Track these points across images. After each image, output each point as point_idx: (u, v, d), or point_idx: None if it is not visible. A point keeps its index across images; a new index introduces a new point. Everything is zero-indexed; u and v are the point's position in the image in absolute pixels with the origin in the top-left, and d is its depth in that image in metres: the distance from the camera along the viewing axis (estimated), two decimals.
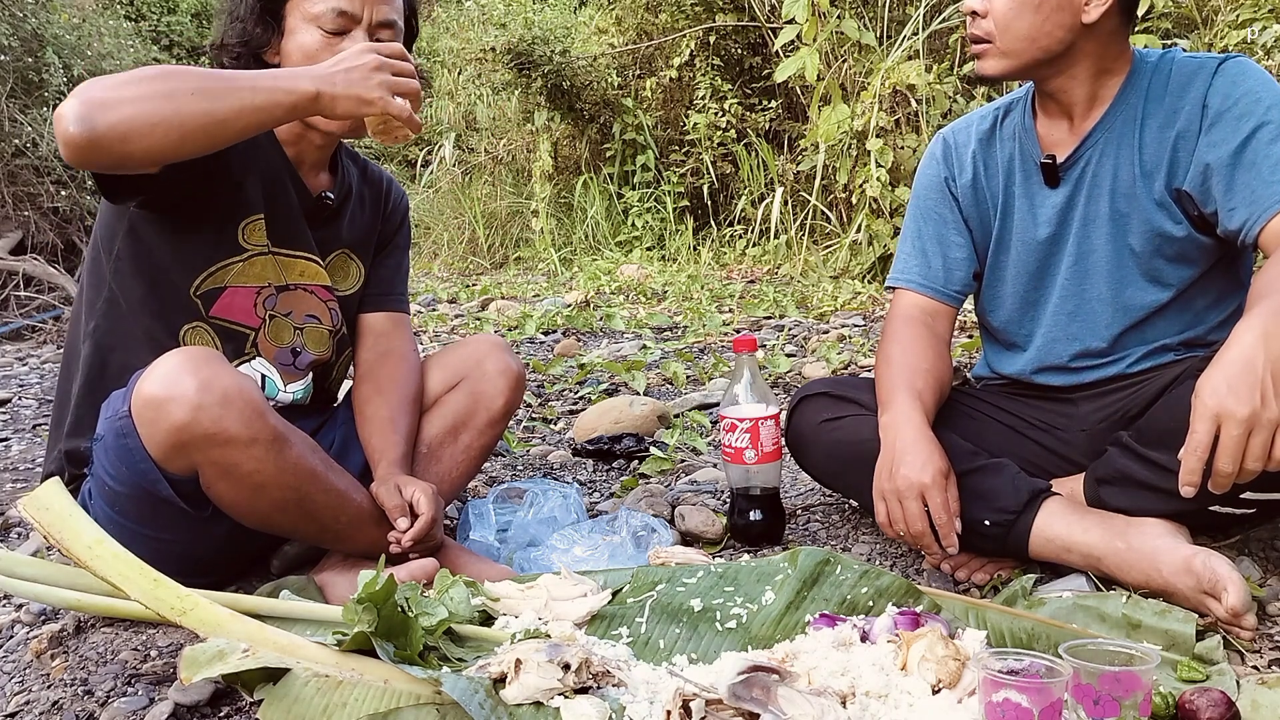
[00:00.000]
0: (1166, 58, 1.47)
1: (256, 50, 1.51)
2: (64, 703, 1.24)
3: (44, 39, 5.28)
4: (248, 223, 1.54)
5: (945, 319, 1.66)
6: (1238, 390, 1.09)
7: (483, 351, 1.73)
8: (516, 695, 1.08)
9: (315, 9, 1.47)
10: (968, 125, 1.68)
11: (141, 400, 1.30)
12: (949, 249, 1.66)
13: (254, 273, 1.56)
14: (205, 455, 1.31)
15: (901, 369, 1.55)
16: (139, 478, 1.35)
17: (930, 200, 1.68)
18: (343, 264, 1.72)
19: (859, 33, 4.72)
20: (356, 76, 1.30)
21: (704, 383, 3.07)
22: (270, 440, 1.33)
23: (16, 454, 2.60)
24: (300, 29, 1.48)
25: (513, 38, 6.79)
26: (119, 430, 1.34)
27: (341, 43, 1.47)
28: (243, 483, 1.34)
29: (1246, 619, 1.24)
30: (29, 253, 5.05)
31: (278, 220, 1.57)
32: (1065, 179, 1.54)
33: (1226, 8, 4.10)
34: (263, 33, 1.49)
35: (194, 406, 1.28)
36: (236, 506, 1.38)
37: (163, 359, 1.32)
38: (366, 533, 1.48)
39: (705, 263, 5.90)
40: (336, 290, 1.70)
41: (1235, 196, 1.37)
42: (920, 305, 1.66)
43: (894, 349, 1.59)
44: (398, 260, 1.82)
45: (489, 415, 1.71)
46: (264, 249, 1.57)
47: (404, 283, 1.83)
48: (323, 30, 1.47)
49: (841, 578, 1.33)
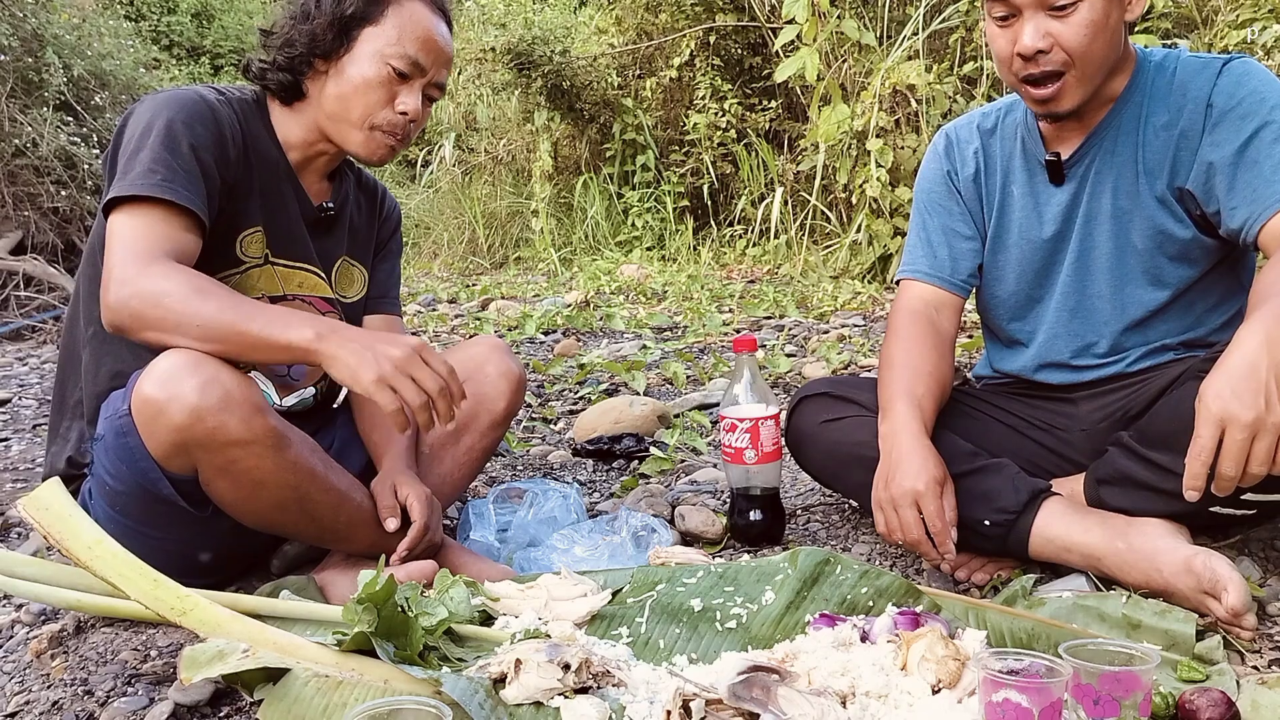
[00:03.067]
0: (1171, 56, 1.47)
1: (317, 56, 1.52)
2: (64, 703, 1.24)
3: (44, 39, 5.28)
4: (246, 235, 1.54)
5: (950, 310, 1.66)
6: (1242, 395, 1.09)
7: (484, 354, 1.74)
8: (516, 695, 1.08)
9: (392, 49, 1.50)
10: (970, 122, 1.68)
11: (141, 400, 1.30)
12: (955, 240, 1.65)
13: (251, 284, 1.56)
14: (205, 455, 1.31)
15: (902, 373, 1.55)
16: (139, 476, 1.35)
17: (935, 194, 1.68)
18: (347, 272, 1.73)
19: (859, 33, 4.72)
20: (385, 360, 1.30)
21: (704, 383, 3.07)
22: (270, 440, 1.33)
23: (16, 454, 2.60)
24: (367, 58, 1.50)
25: (513, 38, 6.79)
26: (119, 429, 1.34)
27: (400, 86, 1.52)
28: (242, 481, 1.34)
29: (1246, 619, 1.24)
30: (29, 253, 5.05)
31: (277, 231, 1.58)
32: (1070, 176, 1.54)
33: (1226, 8, 4.10)
34: (333, 42, 1.51)
35: (194, 407, 1.28)
36: (236, 505, 1.38)
37: (162, 358, 1.32)
38: (366, 532, 1.49)
39: (705, 263, 5.90)
40: (344, 298, 1.70)
41: (1236, 195, 1.37)
42: (925, 298, 1.65)
43: (896, 350, 1.59)
44: (391, 265, 1.84)
45: (491, 418, 1.71)
46: (262, 260, 1.57)
47: (397, 287, 1.85)
48: (392, 69, 1.50)
49: (841, 578, 1.33)
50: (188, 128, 1.43)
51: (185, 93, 1.49)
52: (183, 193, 1.39)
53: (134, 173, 1.38)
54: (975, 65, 4.58)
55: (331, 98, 1.53)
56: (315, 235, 1.64)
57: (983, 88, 4.54)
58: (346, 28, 1.51)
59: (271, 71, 1.54)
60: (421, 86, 1.55)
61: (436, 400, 1.33)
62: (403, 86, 1.53)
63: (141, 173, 1.38)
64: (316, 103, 1.55)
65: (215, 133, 1.47)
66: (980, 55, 4.56)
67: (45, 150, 5.11)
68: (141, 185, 1.37)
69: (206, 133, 1.45)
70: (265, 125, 1.58)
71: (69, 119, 5.43)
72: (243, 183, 1.52)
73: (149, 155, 1.39)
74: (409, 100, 1.53)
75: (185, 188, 1.40)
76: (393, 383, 1.30)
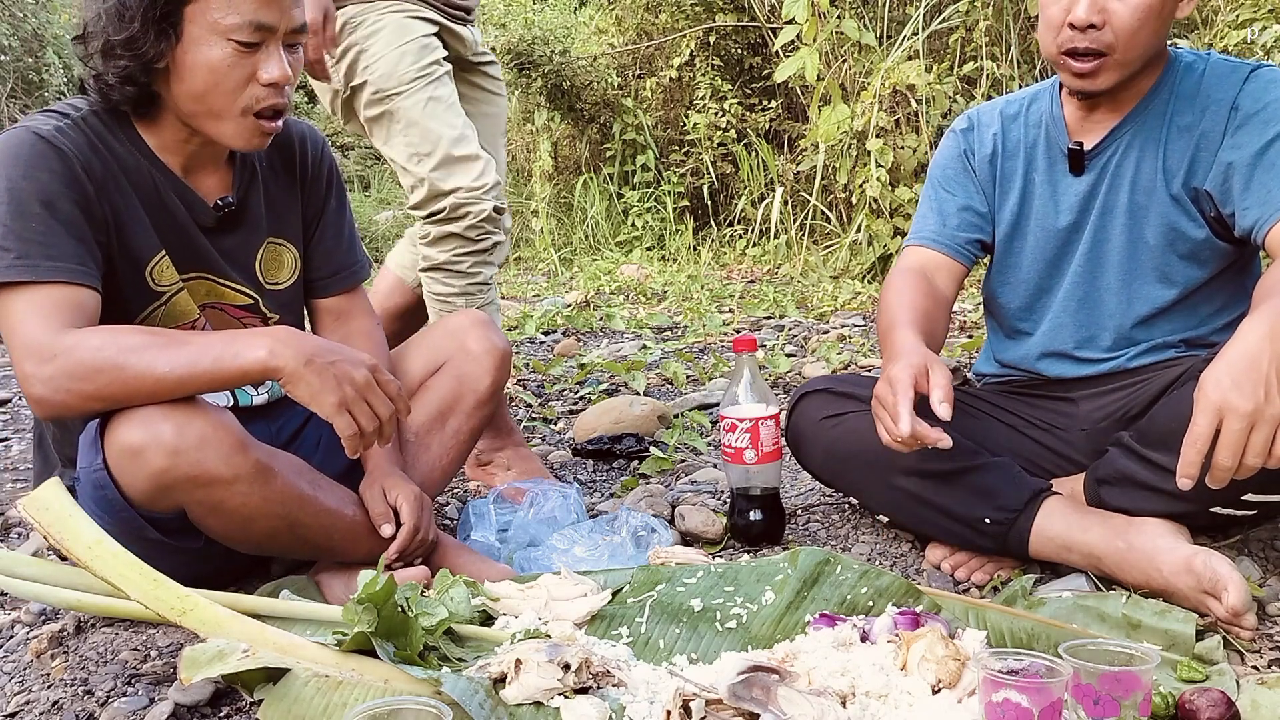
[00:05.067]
0: (1200, 58, 1.49)
1: (147, 61, 1.31)
2: (64, 703, 1.24)
3: (44, 39, 5.29)
4: (153, 264, 1.43)
5: (948, 273, 1.65)
6: (1241, 385, 1.09)
7: (463, 329, 1.68)
8: (516, 695, 1.08)
9: (228, 20, 1.30)
10: (994, 107, 1.68)
11: (117, 449, 1.26)
12: (966, 213, 1.65)
13: (181, 310, 1.47)
14: (190, 495, 1.29)
15: (897, 310, 1.53)
16: (124, 524, 1.33)
17: (950, 169, 1.68)
18: (275, 255, 1.59)
19: (859, 33, 4.72)
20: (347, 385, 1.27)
21: (704, 383, 3.07)
22: (253, 474, 1.30)
23: (16, 454, 2.60)
24: (206, 41, 1.31)
25: (513, 38, 6.79)
26: (96, 483, 1.30)
27: (255, 55, 1.33)
28: (231, 517, 1.32)
29: (1246, 619, 1.24)
30: None
31: (178, 248, 1.45)
32: (1090, 167, 1.54)
33: (1226, 8, 4.10)
34: (156, 40, 1.30)
35: (172, 450, 1.24)
36: (228, 538, 1.37)
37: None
38: (361, 544, 1.47)
39: (705, 263, 5.90)
40: (275, 285, 1.59)
41: (1251, 196, 1.38)
42: (923, 260, 1.65)
43: (890, 299, 1.59)
44: (336, 229, 1.65)
45: (476, 397, 1.66)
46: (178, 284, 1.47)
47: (351, 250, 1.69)
48: (236, 43, 1.31)
49: (841, 578, 1.33)
50: (30, 181, 1.28)
51: (14, 139, 1.31)
52: (45, 266, 1.26)
53: None
54: (975, 65, 4.58)
55: (184, 97, 1.35)
56: (218, 236, 1.49)
57: (983, 88, 4.54)
58: (167, 17, 1.29)
59: (112, 90, 1.34)
60: (279, 44, 1.35)
61: (385, 424, 1.31)
62: (257, 55, 1.33)
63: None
64: (174, 104, 1.37)
65: (65, 173, 1.31)
66: (980, 55, 4.56)
67: None
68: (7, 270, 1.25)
69: (54, 178, 1.30)
70: (129, 137, 1.40)
71: None
72: (122, 211, 1.38)
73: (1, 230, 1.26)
74: (272, 67, 1.34)
75: (47, 258, 1.27)
76: (351, 408, 1.27)
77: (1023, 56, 4.61)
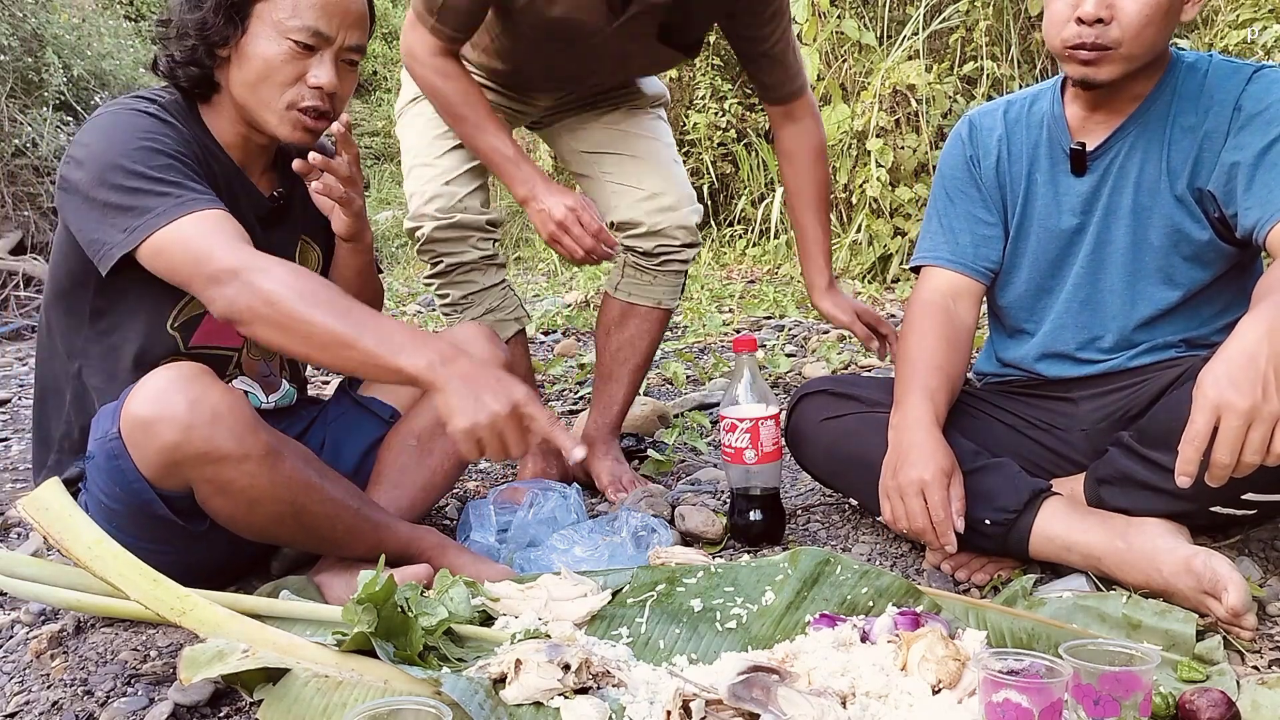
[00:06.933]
0: (1203, 59, 1.48)
1: (213, 44, 1.44)
2: (64, 703, 1.24)
3: (44, 39, 5.29)
4: None
5: (969, 299, 1.65)
6: (1239, 383, 1.09)
7: (467, 340, 1.70)
8: (516, 695, 1.08)
9: (290, 22, 1.42)
10: (994, 109, 1.68)
11: (131, 421, 1.28)
12: (976, 226, 1.65)
13: None
14: (198, 473, 1.30)
15: (916, 366, 1.55)
16: (133, 497, 1.34)
17: (956, 179, 1.67)
18: (305, 253, 1.67)
19: (859, 33, 4.72)
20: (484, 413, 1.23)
21: (704, 383, 3.07)
22: (263, 455, 1.32)
23: (16, 454, 2.60)
24: (266, 35, 1.43)
25: None
26: (110, 452, 1.32)
27: (309, 59, 1.44)
28: (237, 498, 1.33)
29: (1247, 619, 1.24)
30: (29, 253, 5.05)
31: None
32: (1093, 168, 1.54)
33: (1226, 8, 4.10)
34: (224, 26, 1.42)
35: (184, 425, 1.26)
36: (233, 521, 1.38)
37: (151, 376, 1.30)
38: (364, 539, 1.48)
39: (705, 263, 5.90)
40: None
41: (1253, 195, 1.38)
42: (943, 287, 1.65)
43: (911, 343, 1.59)
44: None
45: None
46: None
47: None
48: (293, 43, 1.42)
49: (841, 578, 1.33)
50: (156, 140, 1.38)
51: (126, 110, 1.42)
52: (206, 198, 1.35)
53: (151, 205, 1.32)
54: (975, 65, 4.58)
55: (239, 85, 1.46)
56: (267, 229, 1.57)
57: (983, 88, 4.54)
58: (237, 7, 1.42)
59: (177, 68, 1.46)
60: (333, 55, 1.46)
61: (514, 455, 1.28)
62: (311, 59, 1.44)
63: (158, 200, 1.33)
64: (231, 93, 1.48)
65: (178, 138, 1.42)
66: (980, 55, 4.56)
67: (45, 150, 5.12)
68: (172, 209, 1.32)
69: (172, 141, 1.40)
70: (201, 126, 1.51)
71: (69, 119, 5.44)
72: (210, 188, 1.45)
73: (147, 183, 1.34)
74: (321, 73, 1.44)
75: (202, 192, 1.36)
76: (483, 437, 1.24)
77: (1023, 56, 4.61)
